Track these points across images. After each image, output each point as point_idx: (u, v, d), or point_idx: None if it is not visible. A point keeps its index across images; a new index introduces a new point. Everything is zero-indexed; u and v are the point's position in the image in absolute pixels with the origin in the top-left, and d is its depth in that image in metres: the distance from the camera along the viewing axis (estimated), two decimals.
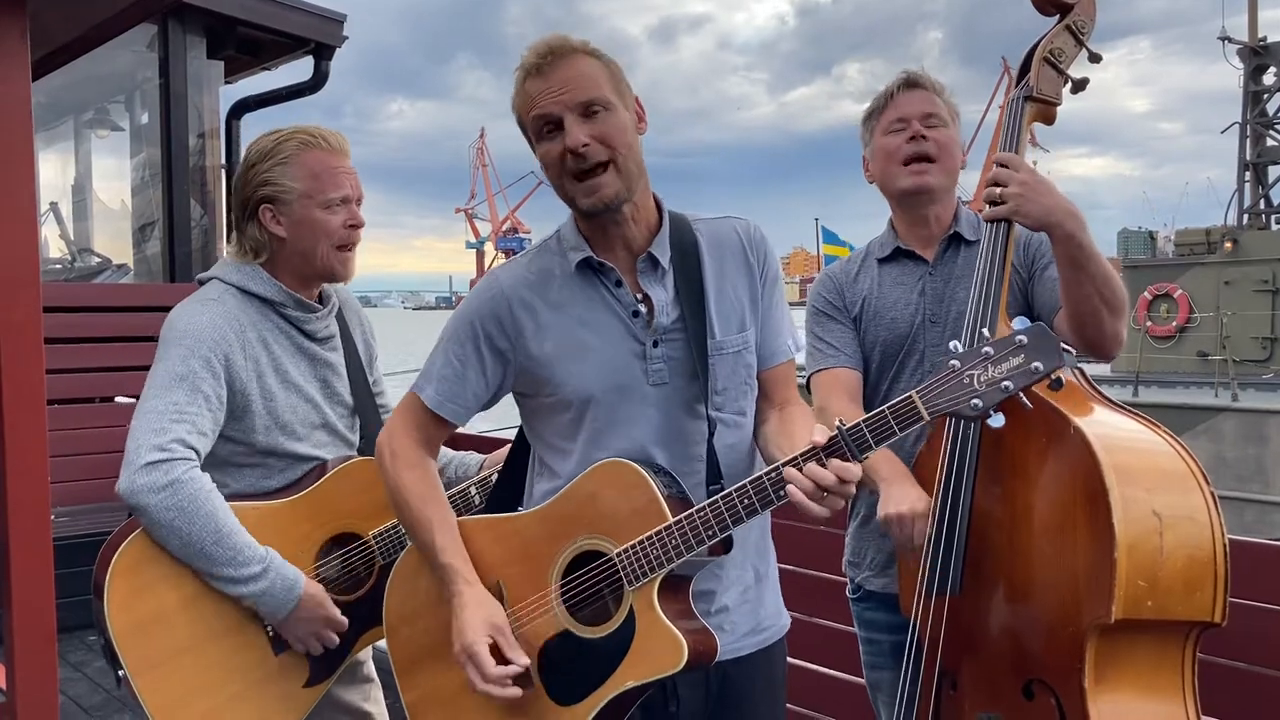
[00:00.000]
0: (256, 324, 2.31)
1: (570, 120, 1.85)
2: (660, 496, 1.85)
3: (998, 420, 1.69)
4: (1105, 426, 1.96)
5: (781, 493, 1.76)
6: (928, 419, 1.71)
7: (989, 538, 2.07)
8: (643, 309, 1.95)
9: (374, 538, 2.37)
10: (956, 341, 1.75)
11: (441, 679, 2.03)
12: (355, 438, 2.49)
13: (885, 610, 2.44)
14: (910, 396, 1.72)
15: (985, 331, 1.76)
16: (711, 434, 1.93)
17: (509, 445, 2.26)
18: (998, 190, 2.15)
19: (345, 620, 2.28)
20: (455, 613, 1.93)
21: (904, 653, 2.21)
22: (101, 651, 2.17)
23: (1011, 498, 2.04)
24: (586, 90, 1.86)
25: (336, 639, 2.27)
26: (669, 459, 1.93)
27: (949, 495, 2.09)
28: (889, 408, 1.73)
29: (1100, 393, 2.08)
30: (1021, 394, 1.68)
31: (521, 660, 1.90)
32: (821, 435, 1.74)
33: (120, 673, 2.12)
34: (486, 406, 2.05)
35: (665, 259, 1.96)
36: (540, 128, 1.89)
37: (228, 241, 2.57)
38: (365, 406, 2.50)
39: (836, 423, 1.75)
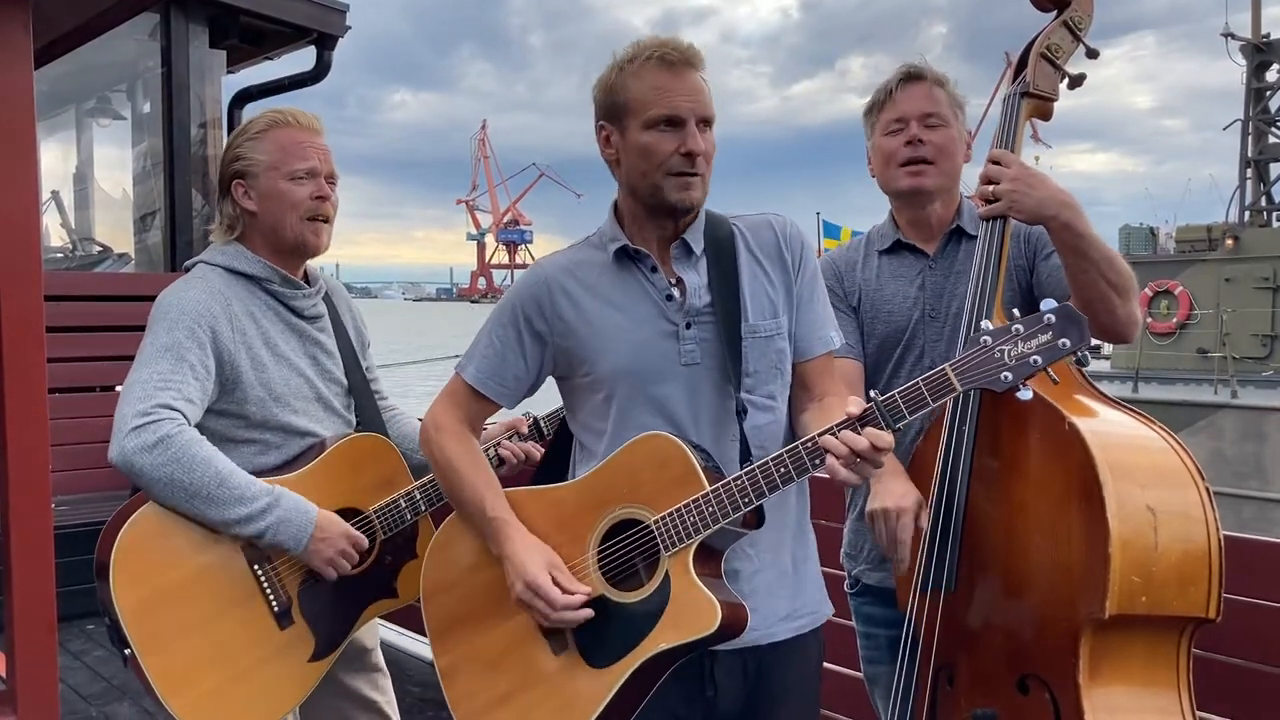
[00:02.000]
0: (243, 299, 2.33)
1: (693, 126, 1.96)
2: (698, 467, 1.91)
3: (1026, 394, 1.76)
4: (1100, 422, 1.97)
5: (817, 460, 1.83)
6: (960, 390, 1.78)
7: (984, 534, 2.08)
8: (676, 292, 2.02)
9: (375, 512, 2.38)
10: (988, 321, 1.81)
11: (475, 643, 2.10)
12: (352, 417, 2.50)
13: (882, 605, 2.44)
14: (944, 369, 1.78)
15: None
16: (743, 415, 2.00)
17: (503, 420, 2.35)
18: (990, 188, 2.16)
19: (363, 536, 2.30)
20: (509, 558, 2.01)
21: (900, 648, 2.21)
22: (107, 633, 2.17)
23: (1007, 494, 2.05)
24: (709, 106, 1.99)
25: (358, 556, 2.29)
26: (701, 436, 2.00)
27: (945, 491, 2.10)
28: (923, 379, 1.80)
29: (1096, 388, 2.08)
30: (1049, 370, 1.74)
31: (583, 589, 1.97)
32: (857, 407, 1.82)
33: (126, 652, 2.12)
34: (530, 391, 2.14)
35: (699, 247, 2.04)
36: (658, 119, 1.96)
37: None
38: (360, 390, 2.52)
39: (872, 394, 1.83)
